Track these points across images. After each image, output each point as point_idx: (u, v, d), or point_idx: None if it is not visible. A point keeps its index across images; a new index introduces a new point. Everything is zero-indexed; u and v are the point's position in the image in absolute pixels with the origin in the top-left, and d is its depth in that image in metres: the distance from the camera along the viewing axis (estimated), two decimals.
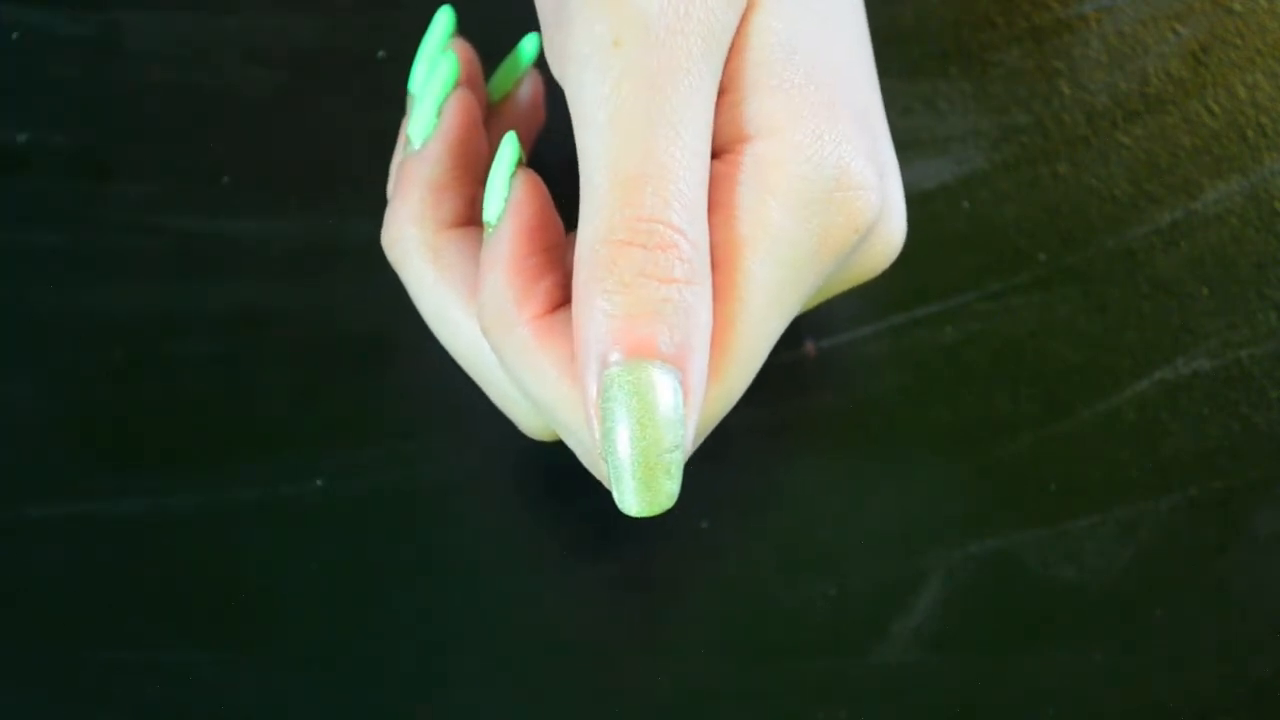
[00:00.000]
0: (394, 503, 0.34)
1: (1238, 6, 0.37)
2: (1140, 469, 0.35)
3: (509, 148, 0.27)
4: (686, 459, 0.25)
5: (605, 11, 0.25)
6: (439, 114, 0.30)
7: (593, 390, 0.24)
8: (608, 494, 0.25)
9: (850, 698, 0.33)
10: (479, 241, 0.29)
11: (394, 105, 0.32)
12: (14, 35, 0.36)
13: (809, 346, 0.35)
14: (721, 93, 0.26)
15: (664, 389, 0.24)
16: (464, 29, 0.32)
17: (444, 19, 0.31)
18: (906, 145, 0.36)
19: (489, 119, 0.33)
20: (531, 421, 0.29)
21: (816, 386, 0.35)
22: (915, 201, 0.36)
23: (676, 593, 0.34)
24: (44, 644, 0.33)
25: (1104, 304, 0.36)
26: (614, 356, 0.24)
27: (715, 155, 0.26)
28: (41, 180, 0.36)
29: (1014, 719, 0.34)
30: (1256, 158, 0.37)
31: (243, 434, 0.34)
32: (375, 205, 0.31)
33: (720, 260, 0.25)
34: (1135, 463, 0.35)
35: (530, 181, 0.27)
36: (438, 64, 0.30)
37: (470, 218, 0.29)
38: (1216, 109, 0.37)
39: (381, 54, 0.36)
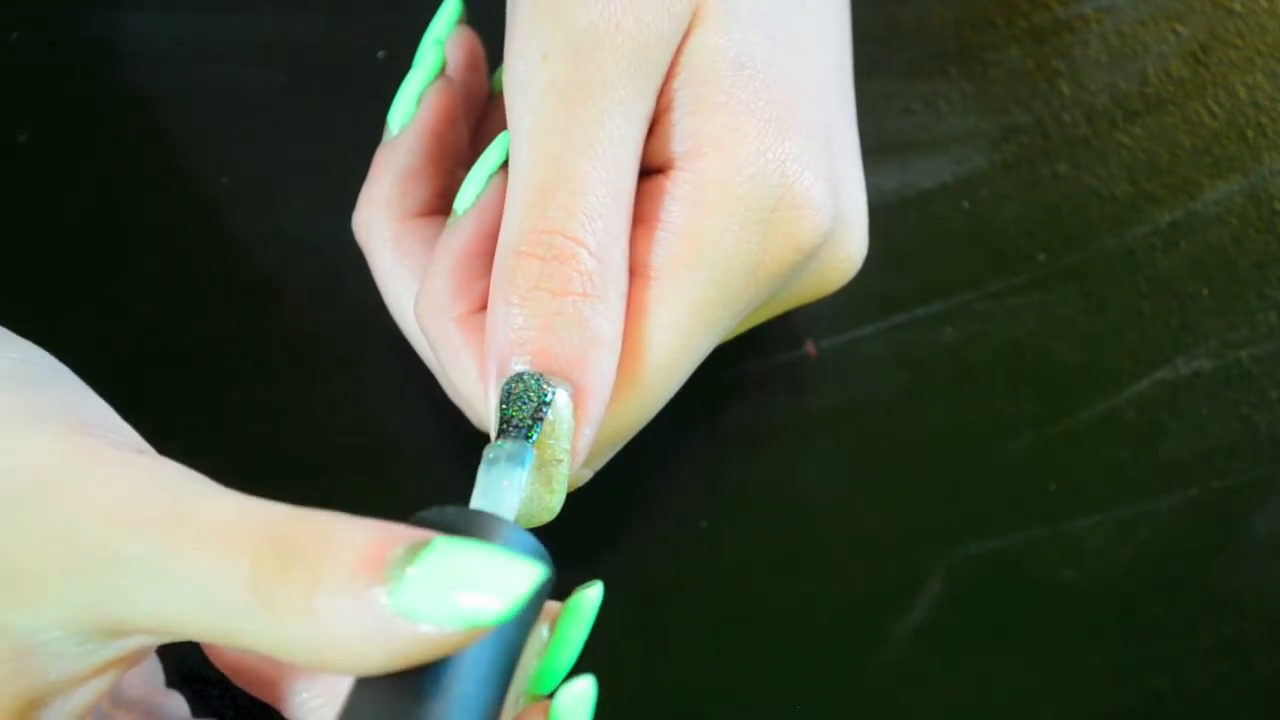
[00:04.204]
0: (394, 502, 0.34)
1: (1238, 6, 0.37)
2: (1140, 469, 0.35)
3: (497, 149, 0.28)
4: (594, 471, 0.25)
5: (539, 27, 0.25)
6: (417, 103, 0.30)
7: (493, 398, 0.25)
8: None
9: (850, 698, 0.33)
10: (441, 231, 0.29)
11: None
12: (14, 35, 0.36)
13: (809, 346, 0.35)
14: (665, 109, 0.26)
15: (555, 401, 0.24)
16: (473, 22, 0.32)
17: (451, 7, 0.31)
18: (906, 145, 0.36)
19: (492, 106, 0.33)
20: (471, 410, 0.29)
21: (816, 386, 0.35)
22: (915, 201, 0.36)
23: (676, 592, 0.34)
24: None
25: (1104, 304, 0.36)
26: (512, 365, 0.24)
27: (659, 171, 0.26)
28: (42, 180, 0.36)
29: (1014, 719, 0.34)
30: (1256, 158, 0.37)
31: (242, 434, 0.34)
32: None
33: (647, 274, 0.25)
34: (1135, 463, 0.35)
35: (505, 187, 0.27)
36: (425, 54, 0.30)
37: (437, 207, 0.30)
38: (1216, 109, 0.37)
39: (381, 54, 0.36)
